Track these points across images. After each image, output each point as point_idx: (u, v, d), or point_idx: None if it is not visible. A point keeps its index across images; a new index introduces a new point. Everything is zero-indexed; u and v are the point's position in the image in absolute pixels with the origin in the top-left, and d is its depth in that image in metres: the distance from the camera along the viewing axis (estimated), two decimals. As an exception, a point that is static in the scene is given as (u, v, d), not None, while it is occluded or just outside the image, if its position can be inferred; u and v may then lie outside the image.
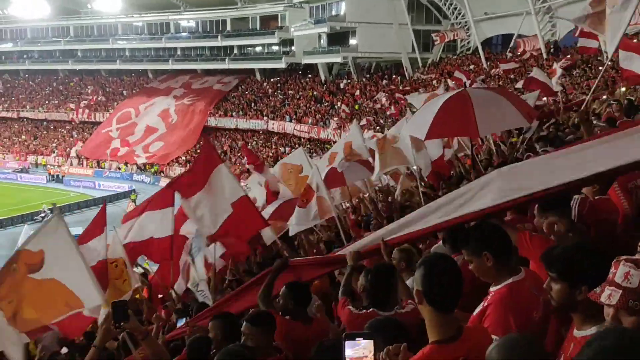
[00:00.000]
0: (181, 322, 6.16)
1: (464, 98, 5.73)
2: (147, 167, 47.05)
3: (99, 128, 53.12)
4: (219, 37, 52.34)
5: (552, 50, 33.10)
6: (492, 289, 2.67)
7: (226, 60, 52.72)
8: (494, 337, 2.28)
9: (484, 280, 2.80)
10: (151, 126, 50.60)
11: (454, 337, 2.21)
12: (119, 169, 48.24)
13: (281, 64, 49.93)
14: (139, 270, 9.41)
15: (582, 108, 6.95)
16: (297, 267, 4.47)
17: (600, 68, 18.79)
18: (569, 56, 25.76)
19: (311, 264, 4.54)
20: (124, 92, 57.92)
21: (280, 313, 3.87)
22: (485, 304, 2.61)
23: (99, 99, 56.89)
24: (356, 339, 1.76)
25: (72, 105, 56.38)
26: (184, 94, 53.19)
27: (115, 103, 55.81)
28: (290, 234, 8.23)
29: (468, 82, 28.58)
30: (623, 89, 13.43)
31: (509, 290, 2.60)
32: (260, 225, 5.91)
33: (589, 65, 25.42)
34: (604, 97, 13.47)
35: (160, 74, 57.86)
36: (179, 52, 56.01)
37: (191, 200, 5.92)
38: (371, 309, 3.38)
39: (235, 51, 53.12)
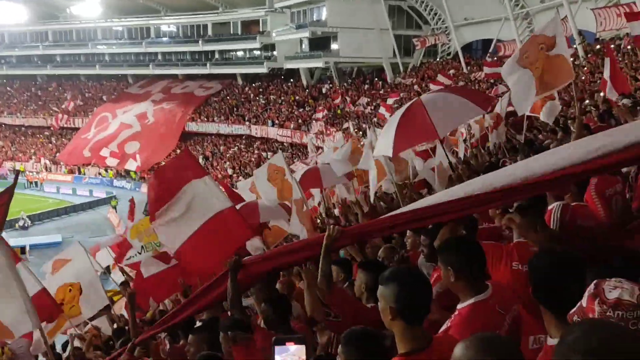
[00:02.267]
0: None
1: (418, 107, 5.97)
2: (131, 173, 46.51)
3: (77, 134, 52.51)
4: (200, 41, 52.11)
5: (530, 55, 33.52)
6: (458, 307, 2.60)
7: (207, 65, 52.49)
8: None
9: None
10: (125, 123, 50.18)
11: (423, 347, 2.18)
12: (100, 174, 47.68)
13: (263, 69, 49.87)
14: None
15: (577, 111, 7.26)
16: (255, 264, 4.14)
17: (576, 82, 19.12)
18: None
19: (270, 257, 4.26)
20: (104, 97, 57.33)
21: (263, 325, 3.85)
22: (449, 324, 2.53)
23: (78, 104, 56.21)
24: (286, 343, 1.59)
25: (50, 111, 55.66)
26: (162, 98, 52.82)
27: (95, 108, 55.22)
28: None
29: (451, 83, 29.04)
30: (602, 94, 13.57)
31: (469, 312, 2.51)
32: (246, 236, 5.69)
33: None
34: (586, 102, 13.62)
35: (141, 78, 57.38)
36: (159, 57, 55.59)
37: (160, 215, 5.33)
38: None
39: (217, 56, 52.91)
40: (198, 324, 4.76)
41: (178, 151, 42.76)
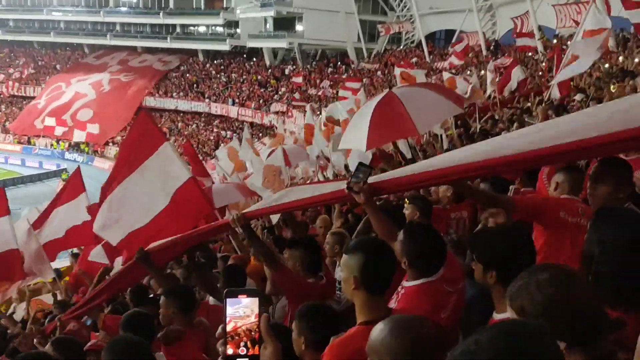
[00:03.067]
0: None
1: (393, 100, 5.59)
2: (81, 145, 45.09)
3: (29, 103, 50.56)
4: (161, 14, 50.63)
5: (492, 47, 34.07)
6: (405, 284, 2.60)
7: (168, 38, 51.13)
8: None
9: None
10: (80, 92, 48.70)
11: (383, 318, 2.11)
12: (51, 146, 46.11)
13: (225, 46, 48.94)
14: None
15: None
16: (163, 250, 4.30)
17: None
18: (506, 55, 26.58)
19: (177, 242, 4.30)
20: (57, 66, 55.26)
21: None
22: (395, 302, 2.53)
23: (30, 72, 54.05)
24: (238, 296, 1.55)
25: (1, 78, 53.33)
26: (120, 70, 51.34)
27: (48, 77, 53.22)
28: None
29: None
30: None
31: (415, 292, 2.52)
32: (205, 210, 5.16)
33: (526, 65, 26.29)
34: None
35: (97, 49, 55.48)
36: (117, 28, 53.78)
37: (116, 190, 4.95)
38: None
39: (178, 30, 51.58)
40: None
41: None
